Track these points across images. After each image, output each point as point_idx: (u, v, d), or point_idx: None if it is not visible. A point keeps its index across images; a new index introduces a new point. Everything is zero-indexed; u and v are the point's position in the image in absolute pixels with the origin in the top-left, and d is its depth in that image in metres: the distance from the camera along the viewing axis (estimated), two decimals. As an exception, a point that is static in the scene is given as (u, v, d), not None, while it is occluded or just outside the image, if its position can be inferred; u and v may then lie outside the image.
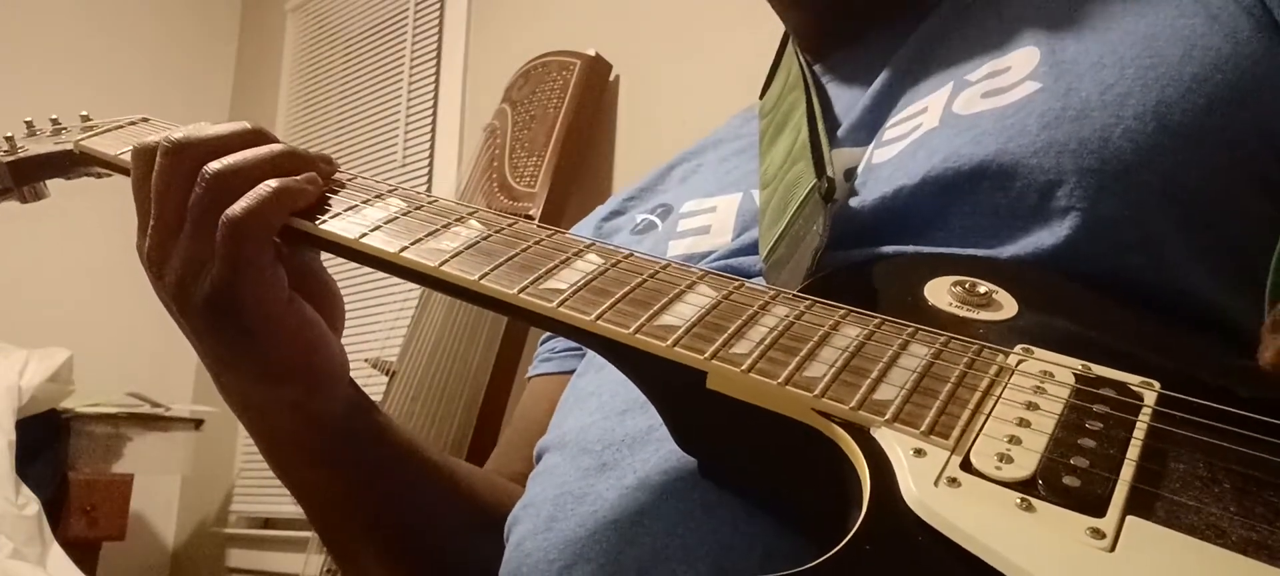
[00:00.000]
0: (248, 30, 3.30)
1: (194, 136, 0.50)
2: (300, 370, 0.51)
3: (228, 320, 0.48)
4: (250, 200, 0.47)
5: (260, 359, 0.50)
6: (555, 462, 0.54)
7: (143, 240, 0.51)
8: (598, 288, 0.44)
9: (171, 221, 0.49)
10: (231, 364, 0.51)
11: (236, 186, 0.48)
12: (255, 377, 0.51)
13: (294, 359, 0.50)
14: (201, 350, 0.51)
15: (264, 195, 0.47)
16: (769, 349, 0.40)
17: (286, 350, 0.50)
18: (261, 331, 0.48)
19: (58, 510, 2.23)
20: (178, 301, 0.49)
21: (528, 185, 1.82)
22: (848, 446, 0.36)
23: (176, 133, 0.50)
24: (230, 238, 0.46)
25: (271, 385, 0.51)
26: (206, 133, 0.50)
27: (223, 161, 0.48)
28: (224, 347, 0.50)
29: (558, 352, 0.73)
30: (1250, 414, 0.34)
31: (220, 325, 0.48)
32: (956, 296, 0.44)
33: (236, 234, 0.46)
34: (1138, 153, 0.46)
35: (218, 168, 0.48)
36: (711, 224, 0.62)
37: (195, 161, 0.49)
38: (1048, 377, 0.38)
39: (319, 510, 0.60)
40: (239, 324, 0.48)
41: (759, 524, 0.42)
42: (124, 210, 0.54)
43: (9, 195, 0.68)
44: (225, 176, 0.48)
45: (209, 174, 0.48)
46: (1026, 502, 0.32)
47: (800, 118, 0.61)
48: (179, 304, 0.49)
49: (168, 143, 0.49)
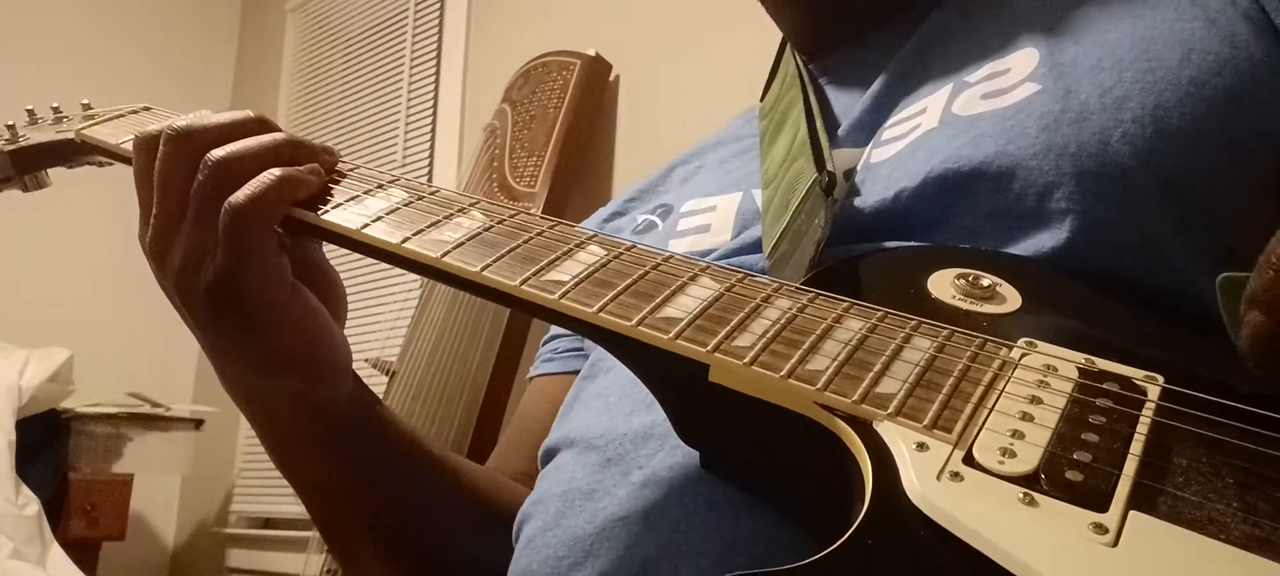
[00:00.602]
0: (248, 30, 3.30)
1: (197, 124, 0.50)
2: (303, 359, 0.51)
3: (230, 308, 0.48)
4: (253, 188, 0.47)
5: (262, 348, 0.50)
6: (564, 460, 0.54)
7: (145, 230, 0.50)
8: (600, 279, 0.44)
9: (174, 210, 0.49)
10: (234, 354, 0.50)
11: (239, 174, 0.48)
12: (257, 367, 0.51)
13: (296, 348, 0.50)
14: (204, 341, 0.51)
15: (267, 183, 0.47)
16: (772, 342, 0.39)
17: (289, 339, 0.50)
18: (264, 320, 0.48)
19: (58, 510, 2.23)
20: (180, 291, 0.49)
21: (528, 185, 1.82)
22: (850, 440, 0.36)
23: (180, 121, 0.50)
24: (233, 225, 0.46)
25: (274, 374, 0.51)
26: (210, 121, 0.50)
27: (226, 149, 0.48)
28: (226, 337, 0.50)
29: (561, 353, 0.72)
30: (1253, 409, 0.34)
31: (223, 314, 0.48)
32: (960, 289, 0.44)
33: (239, 221, 0.46)
34: (1136, 156, 0.46)
35: (221, 155, 0.48)
36: (711, 223, 0.62)
37: (198, 149, 0.48)
38: (1051, 372, 0.38)
39: (321, 505, 0.59)
40: (241, 312, 0.48)
41: (763, 519, 0.42)
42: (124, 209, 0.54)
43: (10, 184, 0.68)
44: (228, 164, 0.48)
45: (211, 161, 0.48)
46: (1029, 497, 0.32)
47: (798, 115, 0.61)
48: (181, 293, 0.49)
49: (171, 131, 0.49)
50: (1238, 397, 0.35)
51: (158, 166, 0.49)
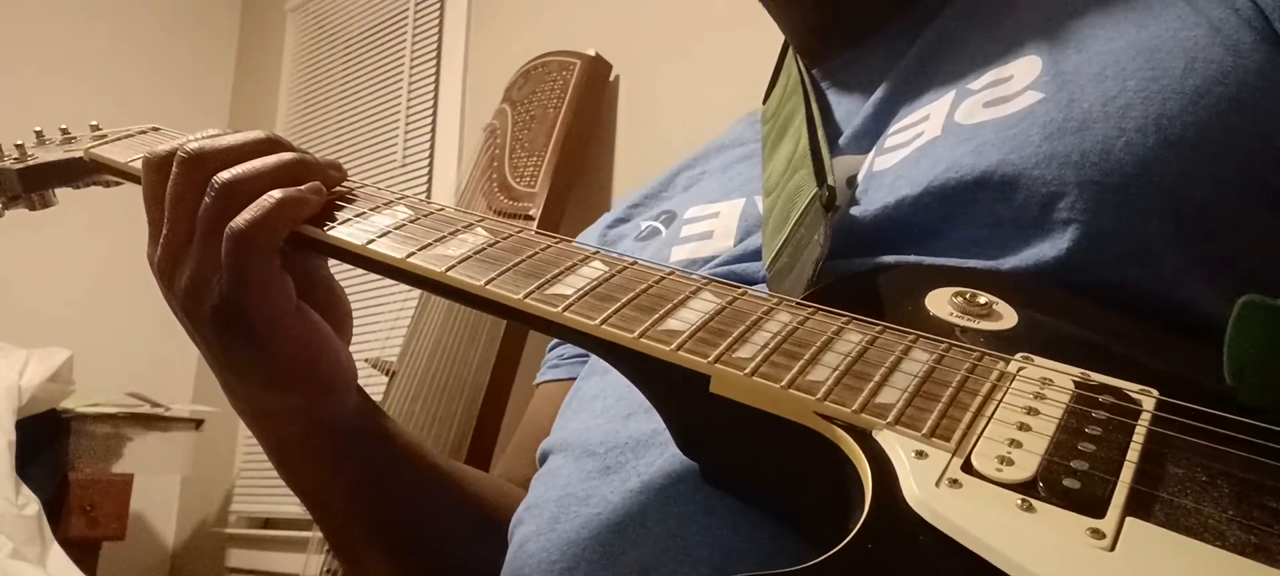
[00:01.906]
0: (248, 30, 3.30)
1: (209, 147, 0.50)
2: (308, 377, 0.51)
3: (235, 330, 0.48)
4: (253, 211, 0.47)
5: (268, 367, 0.50)
6: (558, 464, 0.54)
7: (154, 250, 0.51)
8: (602, 293, 0.44)
9: (183, 232, 0.49)
10: (241, 372, 0.51)
11: (243, 194, 0.48)
12: (264, 386, 0.51)
13: (301, 366, 0.51)
14: (211, 360, 0.52)
15: (267, 206, 0.48)
16: (772, 353, 0.40)
17: (293, 358, 0.50)
18: (269, 340, 0.49)
19: (58, 510, 2.23)
20: (188, 312, 0.49)
21: (528, 185, 1.82)
22: (850, 449, 0.36)
23: (192, 143, 0.50)
24: (234, 249, 0.47)
25: (280, 392, 0.52)
26: (221, 143, 0.50)
27: (232, 171, 0.49)
28: (233, 355, 0.50)
29: (566, 359, 0.73)
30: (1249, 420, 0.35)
31: (229, 335, 0.49)
32: (957, 306, 0.45)
33: (240, 245, 0.47)
34: (1139, 165, 0.46)
35: (226, 178, 0.48)
36: (714, 229, 0.62)
37: (209, 172, 0.49)
38: (1047, 384, 0.39)
39: (327, 515, 0.60)
40: (247, 333, 0.48)
41: (759, 527, 0.43)
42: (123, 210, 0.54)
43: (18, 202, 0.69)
44: (233, 186, 0.48)
45: (218, 183, 0.48)
46: (1027, 503, 0.32)
47: (800, 124, 0.61)
48: (189, 314, 0.50)
49: (185, 153, 0.49)
50: (1232, 408, 0.35)
51: (169, 189, 0.49)
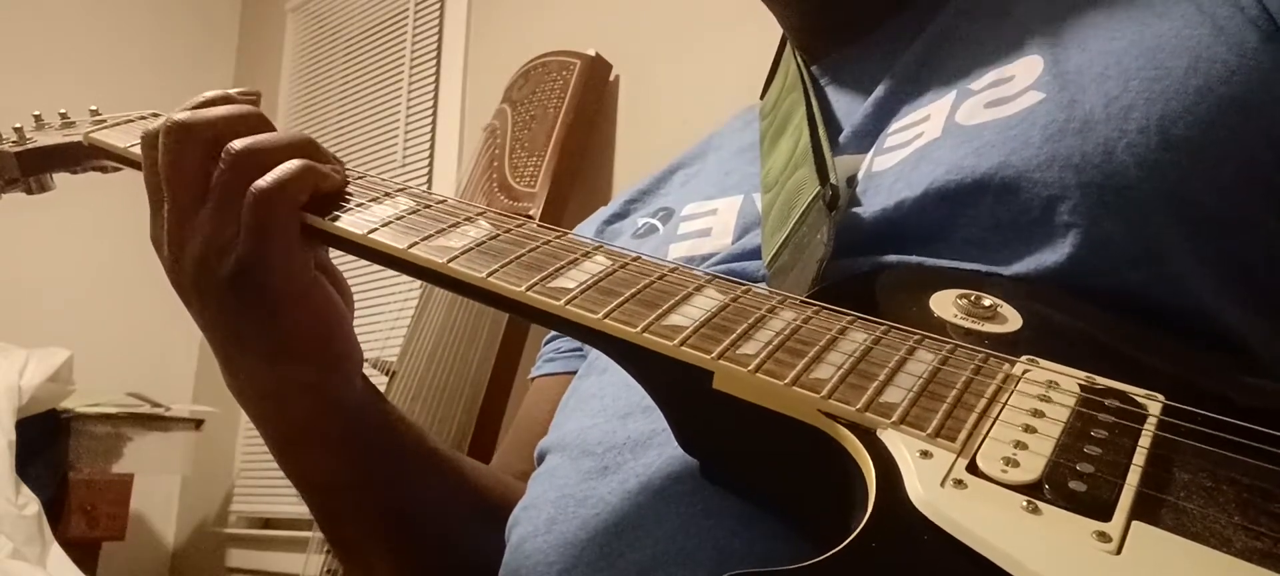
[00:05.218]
0: (248, 30, 3.30)
1: (198, 117, 0.50)
2: (320, 349, 0.51)
3: (252, 296, 0.48)
4: (279, 173, 0.48)
5: (281, 336, 0.50)
6: (556, 464, 0.54)
7: (158, 227, 0.51)
8: (605, 288, 0.44)
9: (185, 202, 0.49)
10: (251, 344, 0.51)
11: (263, 163, 0.48)
12: (273, 356, 0.51)
13: (316, 336, 0.51)
14: (219, 336, 0.51)
15: (293, 169, 0.48)
16: (776, 350, 0.40)
17: (310, 327, 0.50)
18: (286, 306, 0.49)
19: (58, 510, 2.22)
20: (198, 283, 0.49)
21: (528, 185, 1.82)
22: (854, 447, 0.36)
23: (178, 114, 0.50)
24: (259, 207, 0.47)
25: (290, 364, 0.51)
26: (211, 114, 0.50)
27: (247, 140, 0.49)
28: (246, 324, 0.50)
29: (562, 353, 0.72)
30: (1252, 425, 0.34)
31: (244, 302, 0.48)
32: (961, 308, 0.44)
33: (264, 205, 0.47)
34: (1141, 167, 0.45)
35: (243, 145, 0.48)
36: (712, 226, 0.62)
37: (202, 140, 0.49)
38: (1053, 387, 0.38)
39: (327, 501, 0.59)
40: (263, 300, 0.48)
41: (759, 528, 0.42)
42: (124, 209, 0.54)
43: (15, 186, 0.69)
44: (252, 153, 0.48)
45: (234, 151, 0.48)
46: (1032, 505, 0.32)
47: (800, 121, 0.61)
48: (199, 286, 0.49)
49: (171, 122, 0.49)
50: (1236, 413, 0.35)
51: (161, 159, 0.49)
